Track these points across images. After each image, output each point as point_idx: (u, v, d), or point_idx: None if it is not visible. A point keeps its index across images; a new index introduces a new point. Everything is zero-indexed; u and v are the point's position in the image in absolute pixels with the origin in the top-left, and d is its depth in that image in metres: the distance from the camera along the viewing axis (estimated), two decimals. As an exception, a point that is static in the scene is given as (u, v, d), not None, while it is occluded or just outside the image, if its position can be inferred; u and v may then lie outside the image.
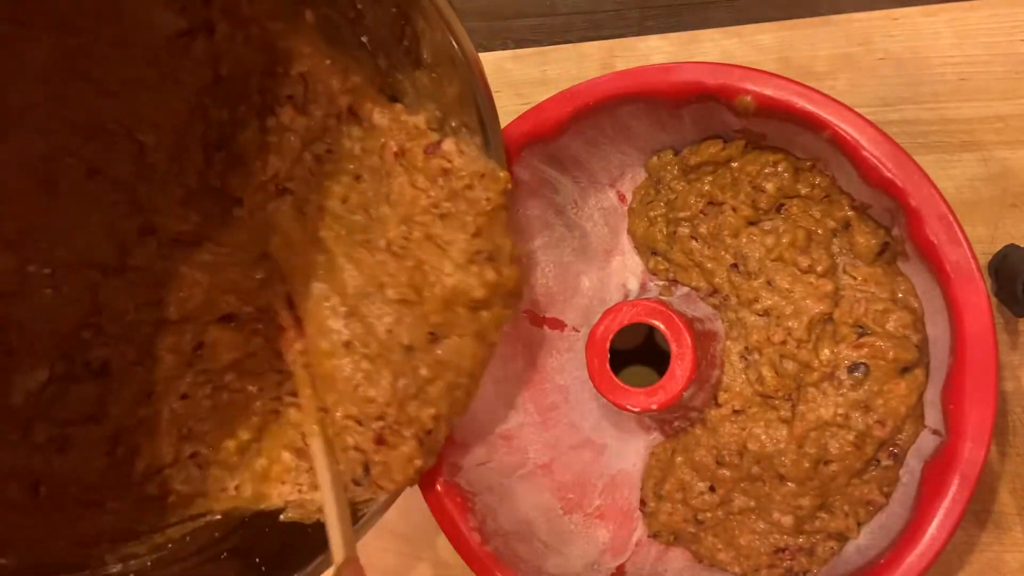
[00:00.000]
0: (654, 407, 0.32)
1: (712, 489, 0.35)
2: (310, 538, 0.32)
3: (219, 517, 0.33)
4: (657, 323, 0.33)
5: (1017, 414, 0.36)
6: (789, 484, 0.34)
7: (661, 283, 0.37)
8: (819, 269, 0.33)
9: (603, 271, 0.39)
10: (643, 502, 0.38)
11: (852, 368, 0.33)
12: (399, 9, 0.28)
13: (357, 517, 0.32)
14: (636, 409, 0.33)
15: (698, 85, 0.32)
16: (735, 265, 0.35)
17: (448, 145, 0.31)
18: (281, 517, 0.34)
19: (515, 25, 0.46)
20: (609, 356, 0.33)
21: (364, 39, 0.30)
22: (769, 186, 0.34)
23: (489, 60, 0.45)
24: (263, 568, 0.31)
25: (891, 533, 0.31)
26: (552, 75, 0.44)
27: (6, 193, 0.30)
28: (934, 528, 0.29)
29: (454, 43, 0.28)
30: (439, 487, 0.35)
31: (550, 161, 0.36)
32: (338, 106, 0.32)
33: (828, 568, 0.34)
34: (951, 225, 0.29)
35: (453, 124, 0.31)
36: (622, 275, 0.39)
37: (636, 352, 0.40)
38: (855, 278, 0.33)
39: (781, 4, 0.41)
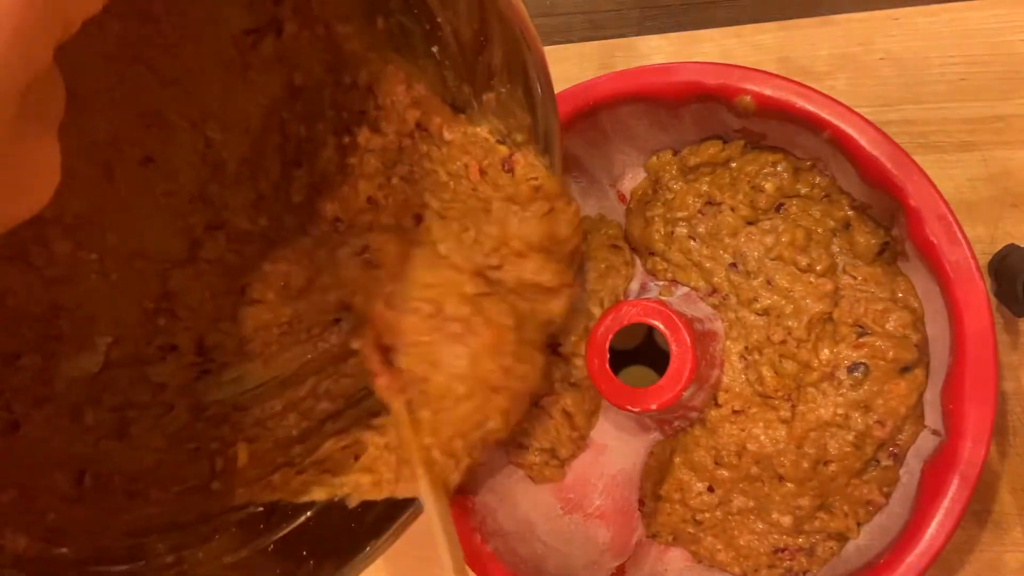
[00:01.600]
0: (654, 407, 0.32)
1: (711, 489, 0.35)
2: (353, 530, 0.32)
3: (261, 509, 0.33)
4: (657, 323, 0.33)
5: (1017, 414, 0.36)
6: (788, 484, 0.34)
7: (661, 283, 0.37)
8: (819, 268, 0.33)
9: (603, 271, 0.39)
10: (642, 502, 0.37)
11: (852, 368, 0.33)
12: (481, 28, 0.28)
13: (394, 517, 0.32)
14: (636, 409, 0.33)
15: (698, 85, 0.32)
16: (734, 264, 0.35)
17: (520, 159, 0.31)
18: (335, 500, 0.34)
19: (515, 25, 0.46)
20: (609, 356, 0.33)
21: (435, 49, 0.29)
22: (768, 186, 0.34)
23: (489, 60, 0.45)
24: (311, 561, 0.31)
25: (891, 533, 0.31)
26: (552, 75, 0.44)
27: (70, 179, 0.30)
28: (934, 528, 0.29)
29: (533, 72, 0.28)
30: (439, 487, 0.35)
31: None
32: (407, 123, 0.32)
33: (828, 568, 0.34)
34: (951, 225, 0.29)
35: (519, 139, 0.31)
36: (622, 275, 0.39)
37: (636, 352, 0.40)
38: (855, 278, 0.33)
39: (781, 4, 0.41)
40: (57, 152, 0.19)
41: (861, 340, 0.33)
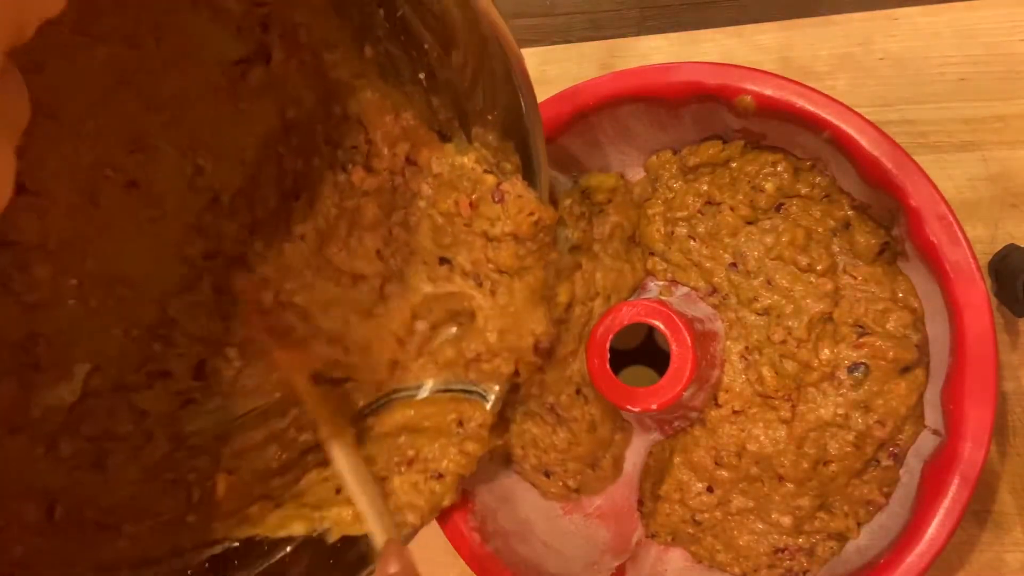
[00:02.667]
0: (654, 407, 0.32)
1: (710, 490, 0.35)
2: (332, 567, 0.32)
3: (237, 545, 0.33)
4: (657, 323, 0.33)
5: (1017, 414, 0.36)
6: (788, 484, 0.34)
7: (661, 283, 0.37)
8: (819, 268, 0.33)
9: (603, 271, 0.39)
10: (641, 502, 0.37)
11: (852, 368, 0.33)
12: (467, 54, 0.28)
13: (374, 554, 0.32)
14: (636, 409, 0.33)
15: (698, 85, 0.32)
16: (734, 264, 0.35)
17: (509, 188, 0.31)
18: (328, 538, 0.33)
19: (515, 25, 0.46)
20: (609, 356, 0.33)
21: (421, 76, 0.29)
22: (768, 186, 0.34)
23: (489, 60, 0.45)
24: None
25: (891, 533, 0.31)
26: (552, 75, 0.44)
27: (54, 204, 0.30)
28: (934, 528, 0.29)
29: (520, 98, 0.28)
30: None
31: (550, 161, 0.36)
32: (398, 157, 0.32)
33: (828, 568, 0.34)
34: (951, 225, 0.29)
35: (507, 168, 0.31)
36: (622, 275, 0.39)
37: (636, 352, 0.40)
38: (855, 278, 0.33)
39: (781, 4, 0.41)
40: (12, 163, 0.18)
41: (861, 340, 0.33)
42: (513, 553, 0.35)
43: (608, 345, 0.33)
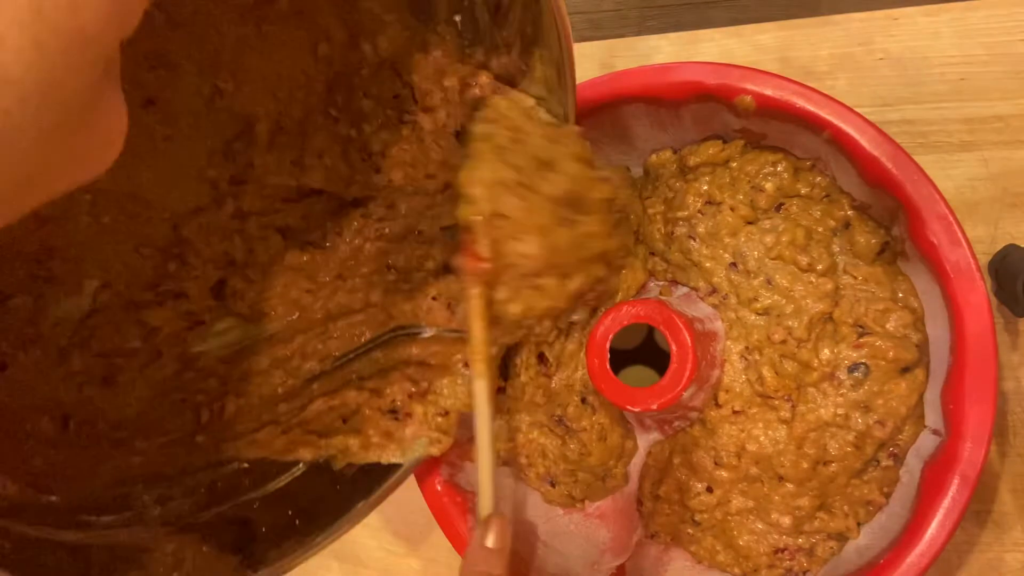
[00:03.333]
0: (654, 407, 0.32)
1: (710, 490, 0.35)
2: (340, 492, 0.33)
3: (247, 466, 0.34)
4: (657, 323, 0.33)
5: (1017, 414, 0.36)
6: (788, 485, 0.34)
7: (661, 283, 0.37)
8: (819, 268, 0.33)
9: (603, 271, 0.39)
10: (641, 502, 0.37)
11: (852, 368, 0.33)
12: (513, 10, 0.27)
13: (382, 479, 0.33)
14: (636, 409, 0.33)
15: (698, 85, 0.32)
16: (734, 264, 0.35)
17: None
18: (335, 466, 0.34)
19: (515, 25, 0.46)
20: (609, 356, 0.33)
21: (457, 18, 0.29)
22: (768, 186, 0.34)
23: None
24: (296, 521, 0.32)
25: (891, 533, 0.31)
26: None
27: None
28: (934, 528, 0.29)
29: (561, 48, 0.27)
30: (439, 487, 0.35)
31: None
32: (451, 90, 0.31)
33: (828, 568, 0.34)
34: (951, 225, 0.29)
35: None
36: (622, 275, 0.39)
37: (636, 352, 0.40)
38: (855, 277, 0.33)
39: (781, 4, 0.41)
40: (125, 112, 0.18)
41: (861, 340, 0.33)
42: (513, 553, 0.35)
43: (608, 345, 0.33)
